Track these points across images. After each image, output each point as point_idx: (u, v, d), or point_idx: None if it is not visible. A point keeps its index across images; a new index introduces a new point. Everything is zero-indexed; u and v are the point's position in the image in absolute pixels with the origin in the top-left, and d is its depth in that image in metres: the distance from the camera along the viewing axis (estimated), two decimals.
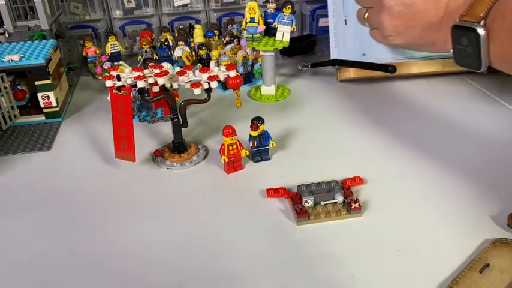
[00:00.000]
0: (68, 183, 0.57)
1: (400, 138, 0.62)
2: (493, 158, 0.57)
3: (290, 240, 0.46)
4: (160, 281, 0.42)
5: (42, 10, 0.77)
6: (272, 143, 0.58)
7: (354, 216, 0.48)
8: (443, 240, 0.45)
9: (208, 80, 0.55)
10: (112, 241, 0.47)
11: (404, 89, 0.76)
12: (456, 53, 0.52)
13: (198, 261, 0.44)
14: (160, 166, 0.59)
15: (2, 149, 0.64)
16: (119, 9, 0.95)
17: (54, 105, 0.70)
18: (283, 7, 0.69)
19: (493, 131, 0.63)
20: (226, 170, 0.57)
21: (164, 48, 0.86)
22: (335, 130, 0.65)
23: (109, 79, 0.55)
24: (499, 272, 0.40)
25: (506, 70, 0.49)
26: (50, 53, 0.70)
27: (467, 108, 0.69)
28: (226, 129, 0.55)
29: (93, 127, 0.70)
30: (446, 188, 0.52)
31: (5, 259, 0.46)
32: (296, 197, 0.50)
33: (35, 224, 0.50)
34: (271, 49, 0.71)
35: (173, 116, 0.58)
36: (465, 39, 0.49)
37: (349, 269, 0.42)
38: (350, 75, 0.78)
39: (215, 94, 0.69)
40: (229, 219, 0.49)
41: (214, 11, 0.98)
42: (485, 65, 0.49)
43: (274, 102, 0.75)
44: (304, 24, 1.02)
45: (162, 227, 0.49)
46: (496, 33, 0.47)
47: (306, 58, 0.92)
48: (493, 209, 0.48)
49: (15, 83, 0.72)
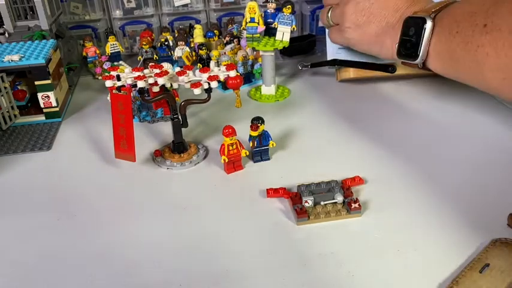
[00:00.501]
0: (68, 183, 0.57)
1: (400, 138, 0.62)
2: (494, 157, 0.57)
3: (290, 240, 0.46)
4: (160, 281, 0.42)
5: (42, 10, 0.77)
6: (272, 143, 0.58)
7: (354, 216, 0.48)
8: (443, 240, 0.45)
9: (208, 80, 0.55)
10: (112, 241, 0.47)
11: (405, 89, 0.76)
12: (400, 45, 0.57)
13: (198, 261, 0.44)
14: (160, 166, 0.59)
15: (2, 149, 0.64)
16: (119, 9, 0.95)
17: (54, 105, 0.70)
18: (283, 7, 0.69)
19: (494, 131, 0.63)
20: (226, 170, 0.57)
21: (164, 48, 0.86)
22: (335, 130, 0.65)
23: (109, 79, 0.55)
24: (499, 272, 0.40)
25: (439, 67, 0.53)
26: (50, 53, 0.70)
27: (468, 108, 0.69)
28: (226, 129, 0.55)
29: (93, 127, 0.70)
30: (446, 187, 0.52)
31: (5, 259, 0.46)
32: (296, 197, 0.50)
33: (35, 224, 0.50)
34: (271, 49, 0.71)
35: (173, 116, 0.58)
36: (412, 29, 0.54)
37: (349, 269, 0.42)
38: (350, 75, 0.78)
39: (215, 94, 0.69)
40: (229, 219, 0.49)
41: (214, 11, 0.98)
42: (422, 56, 0.53)
43: (274, 102, 0.75)
44: (304, 24, 1.02)
45: (162, 227, 0.49)
46: (440, 27, 0.51)
47: (306, 58, 0.92)
48: (493, 209, 0.48)
49: (15, 83, 0.72)
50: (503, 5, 0.44)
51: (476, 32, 0.46)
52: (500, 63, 0.43)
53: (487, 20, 0.45)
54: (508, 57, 0.43)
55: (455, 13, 0.50)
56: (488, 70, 0.45)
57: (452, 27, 0.49)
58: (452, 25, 0.49)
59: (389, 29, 0.60)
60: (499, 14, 0.44)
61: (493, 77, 0.45)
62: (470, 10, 0.48)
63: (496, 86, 0.46)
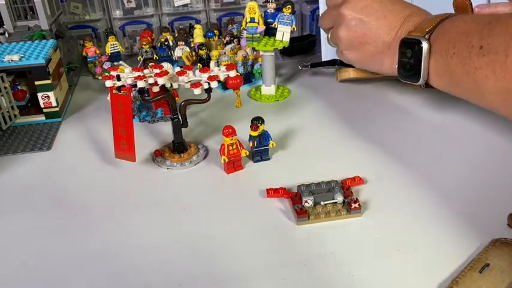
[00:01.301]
0: (68, 183, 0.57)
1: (400, 138, 0.62)
2: (493, 157, 0.57)
3: (290, 240, 0.46)
4: (160, 281, 0.42)
5: (42, 10, 0.77)
6: (272, 143, 0.58)
7: (354, 216, 0.48)
8: (443, 240, 0.45)
9: (208, 80, 0.55)
10: (112, 241, 0.47)
11: (405, 89, 0.76)
12: (400, 67, 0.56)
13: (198, 261, 0.44)
14: (160, 166, 0.59)
15: (2, 149, 0.64)
16: (119, 9, 0.95)
17: (54, 105, 0.70)
18: (283, 7, 0.69)
19: (494, 131, 0.63)
20: (226, 170, 0.57)
21: (164, 48, 0.86)
22: (335, 130, 0.65)
23: (109, 79, 0.55)
24: (499, 272, 0.40)
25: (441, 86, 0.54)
26: (50, 53, 0.70)
27: (468, 108, 0.69)
28: (226, 129, 0.55)
29: (93, 127, 0.70)
30: (446, 187, 0.52)
31: (5, 259, 0.46)
32: (296, 197, 0.50)
33: (35, 224, 0.50)
34: (271, 49, 0.71)
35: (173, 116, 0.58)
36: (409, 51, 0.54)
37: (349, 269, 0.42)
38: (350, 75, 0.78)
39: (215, 94, 0.69)
40: (229, 219, 0.49)
41: (214, 11, 0.98)
42: (423, 78, 0.53)
43: (274, 102, 0.75)
44: (304, 24, 1.02)
45: (162, 227, 0.49)
46: (437, 48, 0.51)
47: (306, 58, 0.92)
48: (493, 209, 0.48)
49: (15, 83, 0.72)
50: (497, 25, 0.44)
51: (473, 54, 0.45)
52: (500, 86, 0.43)
53: (483, 42, 0.44)
54: (506, 79, 0.42)
55: (449, 32, 0.50)
56: (488, 92, 0.45)
57: (449, 48, 0.49)
58: (449, 45, 0.49)
59: (385, 49, 0.60)
60: (495, 36, 0.43)
61: (494, 99, 0.45)
62: (464, 30, 0.47)
63: (497, 107, 0.46)
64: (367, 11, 0.61)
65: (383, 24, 0.60)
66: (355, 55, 0.64)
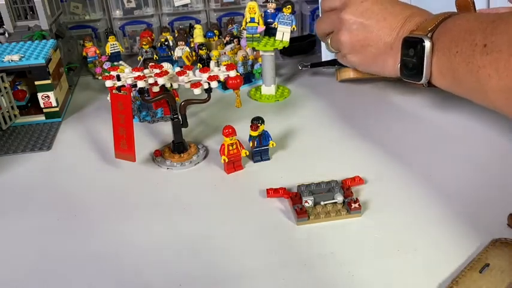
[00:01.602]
0: (68, 183, 0.57)
1: (400, 138, 0.62)
2: (494, 157, 0.57)
3: (290, 240, 0.46)
4: (160, 281, 0.42)
5: (42, 10, 0.77)
6: (272, 143, 0.58)
7: (354, 216, 0.48)
8: (443, 240, 0.45)
9: (208, 80, 0.55)
10: (112, 241, 0.47)
11: (405, 89, 0.76)
12: (402, 65, 0.56)
13: (198, 261, 0.44)
14: (160, 166, 0.59)
15: (2, 149, 0.64)
16: (119, 9, 0.95)
17: (54, 105, 0.70)
18: (283, 7, 0.69)
19: (495, 131, 0.63)
20: (226, 170, 0.57)
21: (164, 48, 0.86)
22: (335, 130, 0.65)
23: (109, 79, 0.55)
24: (499, 272, 0.40)
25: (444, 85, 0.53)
26: (50, 53, 0.70)
27: (469, 108, 0.69)
28: (226, 129, 0.55)
29: (93, 127, 0.70)
30: (446, 187, 0.52)
31: (5, 259, 0.46)
32: (296, 197, 0.50)
33: (35, 224, 0.50)
34: (271, 49, 0.71)
35: (173, 116, 0.58)
36: (412, 50, 0.54)
37: (349, 269, 0.42)
38: (350, 75, 0.78)
39: (215, 94, 0.69)
40: (229, 219, 0.49)
41: (214, 11, 0.98)
42: (426, 76, 0.52)
43: (274, 102, 0.75)
44: (304, 24, 1.02)
45: (161, 227, 0.49)
46: (439, 46, 0.51)
47: (306, 58, 0.92)
48: (493, 209, 0.48)
49: (15, 83, 0.72)
50: (501, 23, 0.43)
51: (476, 52, 0.45)
52: (503, 84, 0.43)
53: (487, 40, 0.44)
54: (509, 78, 0.42)
55: (452, 31, 0.50)
56: (491, 91, 0.45)
57: (452, 46, 0.48)
58: (451, 44, 0.49)
59: (387, 49, 0.60)
60: (498, 34, 0.43)
61: (497, 97, 0.45)
62: (468, 28, 0.47)
63: (500, 106, 0.46)
64: (368, 14, 0.61)
65: (384, 26, 0.60)
66: (358, 58, 0.64)
